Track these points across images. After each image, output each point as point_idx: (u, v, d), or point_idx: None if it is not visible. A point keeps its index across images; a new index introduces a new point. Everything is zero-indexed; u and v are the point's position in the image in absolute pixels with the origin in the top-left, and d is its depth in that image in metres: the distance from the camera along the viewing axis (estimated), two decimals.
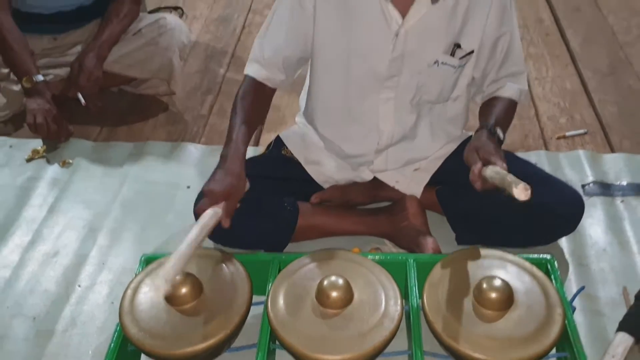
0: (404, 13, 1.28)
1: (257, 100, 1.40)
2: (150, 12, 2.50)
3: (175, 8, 2.61)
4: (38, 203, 1.69)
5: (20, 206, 1.67)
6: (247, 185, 1.29)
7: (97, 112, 1.93)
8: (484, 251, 1.19)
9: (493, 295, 1.06)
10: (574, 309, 1.19)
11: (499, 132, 1.29)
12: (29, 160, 1.84)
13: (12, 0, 1.90)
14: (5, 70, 1.96)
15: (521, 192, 1.03)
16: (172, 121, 2.00)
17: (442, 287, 1.13)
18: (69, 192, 1.72)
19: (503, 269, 1.15)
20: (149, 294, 1.15)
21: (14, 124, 1.99)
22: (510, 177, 1.08)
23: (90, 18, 2.01)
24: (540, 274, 1.14)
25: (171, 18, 1.99)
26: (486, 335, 1.04)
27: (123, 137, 1.93)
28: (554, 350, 1.09)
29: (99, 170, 1.80)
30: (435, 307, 1.09)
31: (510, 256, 1.18)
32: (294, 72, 1.43)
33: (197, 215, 1.29)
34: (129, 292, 1.17)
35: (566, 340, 1.09)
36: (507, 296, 1.07)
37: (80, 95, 1.86)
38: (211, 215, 1.17)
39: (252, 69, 1.40)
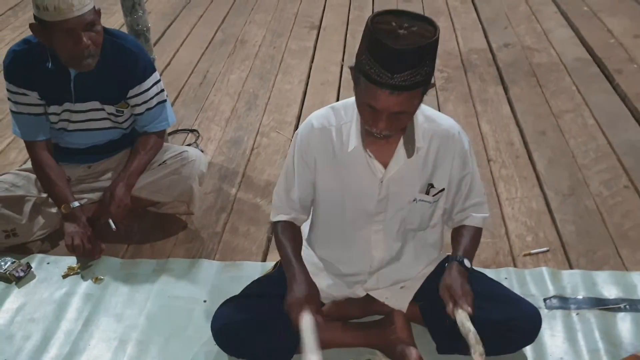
0: (385, 165, 1.59)
1: (293, 231, 1.71)
2: (170, 133, 2.84)
3: (192, 130, 2.97)
4: (74, 317, 1.92)
5: (59, 319, 1.91)
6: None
7: (125, 230, 2.20)
8: None
9: None
10: None
11: (467, 262, 1.58)
12: (65, 276, 2.09)
13: (52, 138, 2.21)
14: (44, 195, 2.23)
15: (475, 355, 1.35)
16: (190, 239, 2.26)
17: None
18: (101, 306, 1.96)
19: None
20: None
21: (51, 242, 2.25)
22: (471, 337, 1.38)
23: (120, 149, 2.31)
24: None
25: (192, 151, 2.29)
26: None
27: (147, 254, 2.19)
28: None
29: (126, 286, 2.03)
30: None
31: None
32: (310, 210, 1.75)
33: (218, 331, 1.56)
34: None
35: None
36: None
37: (110, 222, 2.13)
38: (309, 320, 1.46)
39: (278, 217, 1.72)
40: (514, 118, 2.97)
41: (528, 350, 1.71)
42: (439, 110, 2.98)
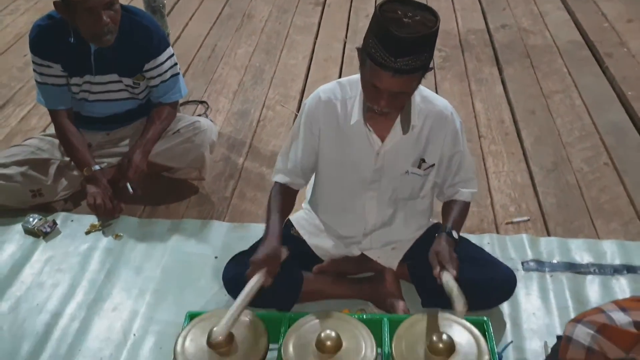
0: (382, 139, 1.77)
1: (285, 198, 1.88)
2: (182, 104, 3.01)
3: (202, 102, 3.14)
4: (97, 269, 2.12)
5: (84, 270, 2.12)
6: (286, 253, 1.74)
7: (141, 192, 2.39)
8: (439, 314, 1.64)
9: (440, 345, 1.51)
10: (500, 357, 1.63)
11: (454, 234, 1.77)
12: (87, 232, 2.29)
13: (74, 107, 2.39)
14: (67, 159, 2.41)
15: (458, 310, 1.53)
16: (202, 202, 2.46)
17: (406, 339, 1.57)
18: (121, 260, 2.16)
19: (450, 327, 1.60)
20: (195, 339, 1.60)
21: (74, 202, 2.45)
22: (455, 294, 1.55)
23: (136, 118, 2.49)
24: (476, 331, 1.59)
25: (204, 121, 2.47)
26: None
27: (162, 215, 2.39)
28: None
29: (144, 242, 2.24)
30: (400, 354, 1.54)
31: (456, 317, 1.63)
32: (309, 176, 1.93)
33: (228, 282, 1.76)
34: (180, 339, 1.61)
35: None
36: (450, 346, 1.51)
37: (128, 185, 2.31)
38: (256, 280, 1.62)
39: (278, 177, 1.89)
40: (506, 97, 3.14)
41: (505, 306, 1.91)
42: (436, 88, 3.21)
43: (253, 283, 1.63)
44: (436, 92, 2.69)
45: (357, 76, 1.71)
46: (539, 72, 3.37)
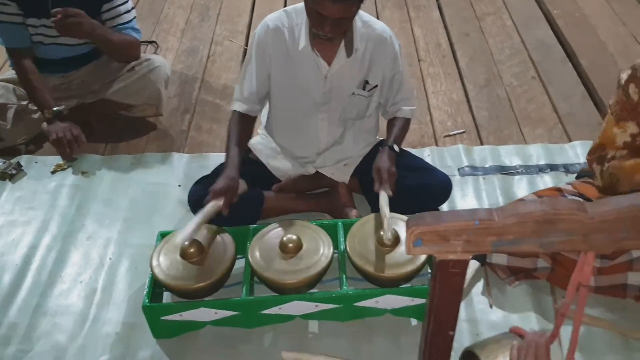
0: (329, 63, 1.92)
1: (243, 126, 2.00)
2: None
3: (151, 42, 3.20)
4: (67, 204, 2.24)
5: (55, 206, 2.23)
6: (244, 187, 1.88)
7: (102, 132, 2.49)
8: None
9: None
10: None
11: (396, 147, 1.95)
12: (53, 172, 2.38)
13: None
14: (24, 103, 2.47)
15: (385, 237, 1.71)
16: (161, 137, 2.58)
17: (358, 236, 1.79)
18: (90, 194, 2.28)
19: (395, 224, 1.82)
20: (169, 254, 1.77)
21: (35, 145, 2.52)
22: (386, 222, 1.72)
23: (88, 62, 2.54)
24: None
25: (156, 58, 2.57)
26: (383, 261, 1.71)
27: (124, 151, 2.50)
28: (428, 269, 1.78)
29: (109, 176, 2.36)
30: (353, 248, 1.75)
31: (398, 216, 1.84)
32: (265, 103, 2.06)
33: (194, 203, 1.92)
34: (155, 254, 1.78)
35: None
36: (396, 239, 1.74)
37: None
38: (212, 205, 1.76)
39: (236, 106, 2.00)
40: (443, 22, 3.33)
41: (445, 207, 2.14)
42: (377, 16, 3.34)
43: (209, 208, 1.75)
44: None
45: (302, 4, 1.83)
46: None
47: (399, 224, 1.81)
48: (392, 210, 1.79)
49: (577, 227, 0.91)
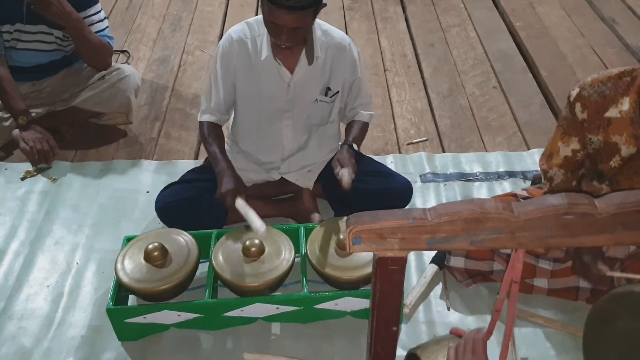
0: (292, 71, 1.99)
1: (217, 133, 2.06)
2: None
3: (123, 51, 3.24)
4: (36, 210, 2.27)
5: (23, 212, 2.26)
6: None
7: (72, 139, 2.52)
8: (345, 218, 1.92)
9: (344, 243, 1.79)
10: None
11: (355, 145, 2.02)
12: (23, 178, 2.41)
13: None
14: None
15: (344, 182, 1.78)
16: (130, 144, 2.61)
17: (318, 240, 1.85)
18: (58, 200, 2.31)
19: None
20: (133, 258, 1.81)
21: (5, 152, 2.55)
22: (345, 181, 1.81)
23: (60, 69, 2.58)
24: None
25: (126, 67, 2.61)
26: (341, 264, 1.77)
27: (93, 158, 2.53)
28: None
29: (78, 183, 2.39)
30: (313, 252, 1.81)
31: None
32: (231, 112, 2.12)
33: (161, 209, 1.96)
34: (120, 257, 1.82)
35: None
36: None
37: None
38: (243, 203, 1.82)
39: (205, 117, 2.06)
40: (409, 33, 3.42)
41: None
42: (346, 28, 3.43)
43: (244, 204, 1.83)
44: (345, 32, 2.93)
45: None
46: (438, 8, 3.66)
47: None
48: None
49: (504, 226, 0.98)
